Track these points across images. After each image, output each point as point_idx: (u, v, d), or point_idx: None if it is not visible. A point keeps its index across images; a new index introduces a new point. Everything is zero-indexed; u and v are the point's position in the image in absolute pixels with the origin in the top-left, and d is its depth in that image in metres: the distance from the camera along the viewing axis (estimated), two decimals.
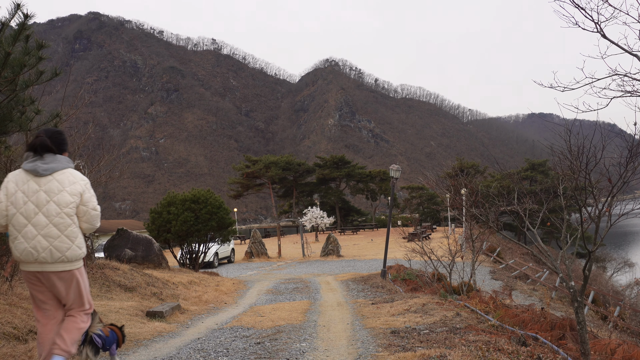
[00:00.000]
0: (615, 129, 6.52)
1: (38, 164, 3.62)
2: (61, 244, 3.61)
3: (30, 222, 3.57)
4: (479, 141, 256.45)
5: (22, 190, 3.60)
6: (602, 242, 5.53)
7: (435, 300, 8.12)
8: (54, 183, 3.63)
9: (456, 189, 12.63)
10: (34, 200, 3.59)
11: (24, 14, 5.26)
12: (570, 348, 4.97)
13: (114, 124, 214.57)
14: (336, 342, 5.55)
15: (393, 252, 20.44)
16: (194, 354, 5.18)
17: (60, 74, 6.25)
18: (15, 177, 3.66)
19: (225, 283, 13.08)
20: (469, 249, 15.49)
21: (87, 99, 14.56)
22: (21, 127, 6.45)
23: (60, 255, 3.61)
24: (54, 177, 3.65)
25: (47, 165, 3.64)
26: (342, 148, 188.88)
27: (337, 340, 5.63)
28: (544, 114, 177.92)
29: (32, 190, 3.60)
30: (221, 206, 16.18)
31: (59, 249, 3.60)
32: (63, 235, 3.62)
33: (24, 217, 3.57)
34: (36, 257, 3.56)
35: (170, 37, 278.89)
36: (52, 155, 3.69)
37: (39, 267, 3.59)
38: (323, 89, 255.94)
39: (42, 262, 3.58)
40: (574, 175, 4.74)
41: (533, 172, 55.00)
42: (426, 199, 62.99)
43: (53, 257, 3.59)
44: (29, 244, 3.56)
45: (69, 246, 3.63)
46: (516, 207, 6.11)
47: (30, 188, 3.61)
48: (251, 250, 26.70)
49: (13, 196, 3.60)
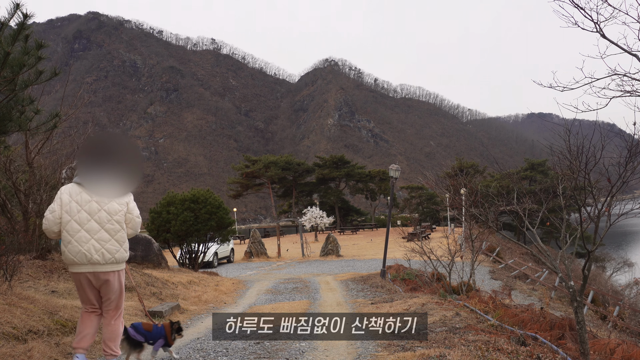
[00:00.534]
0: (614, 128, 6.52)
1: (91, 176, 4.17)
2: (112, 246, 4.11)
3: (84, 228, 4.06)
4: (479, 141, 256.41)
5: (76, 200, 4.09)
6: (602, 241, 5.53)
7: (434, 300, 8.12)
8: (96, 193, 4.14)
9: (455, 189, 12.64)
10: (86, 209, 4.09)
11: (23, 14, 5.26)
12: (569, 348, 4.97)
13: (113, 123, 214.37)
14: (336, 341, 5.56)
15: (392, 252, 20.44)
16: (193, 354, 5.18)
17: (60, 74, 6.25)
18: (68, 190, 4.16)
19: (224, 283, 13.08)
20: (468, 248, 15.50)
21: (87, 99, 14.57)
22: (20, 127, 6.44)
23: (110, 257, 4.10)
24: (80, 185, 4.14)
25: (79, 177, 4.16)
26: (342, 148, 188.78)
27: (336, 340, 5.62)
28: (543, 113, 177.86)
29: (84, 200, 4.09)
30: (220, 206, 16.18)
31: (109, 250, 4.10)
32: (113, 239, 4.12)
33: (77, 223, 4.06)
34: (87, 259, 4.05)
35: (169, 36, 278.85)
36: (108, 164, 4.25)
37: (87, 268, 4.08)
38: (322, 89, 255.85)
39: (92, 263, 4.07)
40: (573, 175, 4.74)
41: (532, 172, 55.01)
42: (425, 198, 62.97)
43: (104, 258, 4.08)
44: (79, 248, 4.04)
45: (117, 249, 4.14)
46: (515, 207, 6.11)
47: (83, 199, 4.10)
48: (250, 250, 26.70)
49: (67, 206, 4.08)
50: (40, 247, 9.93)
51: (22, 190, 10.46)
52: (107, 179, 4.20)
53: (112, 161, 4.34)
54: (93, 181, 4.15)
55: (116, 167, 4.30)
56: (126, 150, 3.97)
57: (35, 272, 8.52)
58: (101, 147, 4.45)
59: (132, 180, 4.39)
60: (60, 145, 12.92)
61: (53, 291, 7.73)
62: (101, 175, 4.20)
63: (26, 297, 6.08)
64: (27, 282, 7.84)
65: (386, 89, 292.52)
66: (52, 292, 7.68)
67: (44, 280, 8.24)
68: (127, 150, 4.06)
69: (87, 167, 4.23)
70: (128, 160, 4.41)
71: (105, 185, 4.18)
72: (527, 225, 5.66)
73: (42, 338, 4.99)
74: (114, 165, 4.30)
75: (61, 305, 6.22)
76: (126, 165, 4.40)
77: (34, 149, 11.17)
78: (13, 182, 10.35)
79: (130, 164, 4.45)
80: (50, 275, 8.55)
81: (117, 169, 4.29)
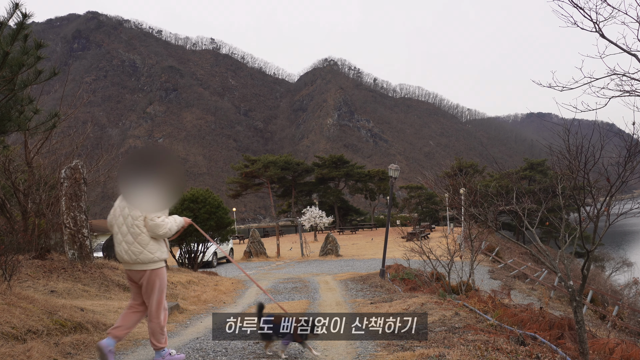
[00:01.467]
0: (613, 128, 6.52)
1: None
2: (134, 248, 4.55)
3: (120, 231, 4.61)
4: (478, 141, 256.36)
5: (119, 206, 4.68)
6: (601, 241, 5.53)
7: (434, 299, 8.12)
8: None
9: (455, 189, 12.65)
10: (119, 214, 4.64)
11: (22, 14, 5.26)
12: (568, 347, 4.97)
13: (112, 123, 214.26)
14: (335, 341, 5.55)
15: (392, 251, 20.43)
16: (192, 354, 5.18)
17: (59, 74, 6.25)
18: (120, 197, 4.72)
19: (224, 283, 13.07)
20: (467, 248, 15.50)
21: (86, 99, 14.58)
22: (19, 127, 6.44)
23: (135, 258, 4.56)
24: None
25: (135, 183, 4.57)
26: (341, 147, 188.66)
27: (336, 340, 5.62)
28: (542, 113, 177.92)
29: (122, 206, 4.65)
30: (220, 206, 16.17)
31: (133, 252, 4.55)
32: (135, 242, 4.55)
33: (117, 227, 4.65)
34: (121, 258, 4.63)
35: (169, 36, 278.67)
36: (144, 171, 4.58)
37: (125, 266, 4.68)
38: (322, 89, 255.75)
39: (125, 262, 4.63)
40: (572, 174, 4.74)
41: (532, 172, 55.00)
42: (425, 198, 62.95)
43: (131, 258, 4.57)
44: (117, 248, 4.65)
45: (140, 250, 4.55)
46: (515, 207, 6.12)
47: (121, 205, 4.66)
48: (250, 250, 26.69)
49: (113, 211, 4.72)
50: (40, 247, 9.93)
51: (21, 190, 10.45)
52: (145, 191, 4.52)
53: (151, 175, 4.52)
54: (131, 192, 4.56)
55: (155, 181, 4.51)
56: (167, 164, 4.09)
57: (34, 271, 8.51)
58: (141, 159, 4.59)
59: (171, 194, 4.62)
60: (59, 145, 12.93)
61: (52, 291, 7.72)
62: (139, 187, 4.53)
63: (25, 296, 6.08)
64: (26, 282, 7.83)
65: (385, 88, 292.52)
66: (51, 291, 7.68)
67: (43, 280, 8.23)
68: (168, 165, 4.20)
69: (127, 178, 4.57)
70: (167, 175, 4.55)
71: (143, 197, 4.52)
72: (526, 225, 5.66)
73: (42, 338, 4.99)
74: (152, 179, 4.53)
75: (60, 305, 6.22)
76: (165, 179, 4.55)
77: (33, 149, 11.17)
78: (12, 181, 10.35)
79: (169, 179, 4.57)
80: (50, 275, 8.55)
81: (155, 182, 4.53)
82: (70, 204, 9.58)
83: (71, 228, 9.53)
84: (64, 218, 9.55)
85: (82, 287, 8.35)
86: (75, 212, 9.60)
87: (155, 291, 4.64)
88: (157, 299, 4.67)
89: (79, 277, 8.78)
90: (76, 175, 9.75)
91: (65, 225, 9.52)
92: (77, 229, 9.57)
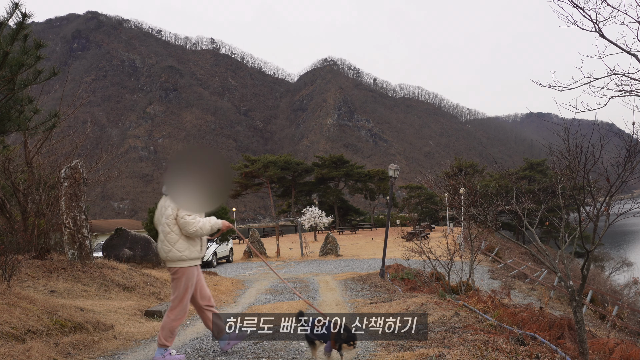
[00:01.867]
0: (613, 128, 6.53)
1: (163, 187, 4.89)
2: (165, 246, 4.74)
3: (158, 229, 4.87)
4: (478, 141, 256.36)
5: (161, 205, 4.89)
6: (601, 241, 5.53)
7: (433, 299, 8.12)
8: (166, 201, 4.81)
9: (455, 189, 12.64)
10: (159, 213, 4.88)
11: (22, 13, 5.26)
12: (568, 347, 4.97)
13: (112, 123, 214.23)
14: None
15: (392, 251, 20.43)
16: (192, 354, 5.18)
17: (59, 74, 6.25)
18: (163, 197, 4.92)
19: (223, 283, 13.07)
20: (467, 248, 15.50)
21: (86, 99, 14.58)
22: (19, 127, 6.44)
23: (165, 255, 4.76)
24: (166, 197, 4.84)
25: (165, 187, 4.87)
26: (341, 147, 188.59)
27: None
28: (542, 113, 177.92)
29: (160, 205, 4.90)
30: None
31: (164, 250, 4.76)
32: (165, 240, 4.74)
33: (156, 226, 4.93)
34: (161, 255, 4.84)
35: (168, 36, 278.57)
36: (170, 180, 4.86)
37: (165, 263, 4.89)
38: (322, 89, 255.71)
39: (162, 259, 4.86)
40: (572, 174, 4.74)
41: (531, 172, 54.99)
42: (425, 198, 62.93)
43: (162, 256, 4.82)
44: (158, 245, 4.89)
45: (169, 249, 4.71)
46: (515, 207, 6.12)
47: (161, 204, 4.90)
48: (250, 250, 26.69)
49: (158, 210, 4.92)
50: (39, 247, 9.93)
51: (21, 190, 10.45)
52: (188, 190, 4.65)
53: (196, 174, 4.64)
54: (174, 192, 4.74)
55: (198, 181, 4.62)
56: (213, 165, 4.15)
57: (34, 271, 8.51)
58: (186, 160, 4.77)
59: (214, 197, 4.73)
60: (59, 145, 12.93)
61: (52, 291, 7.72)
62: (182, 185, 4.69)
63: (25, 296, 6.08)
64: (26, 282, 7.83)
65: (385, 88, 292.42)
66: (51, 291, 7.68)
67: (43, 280, 8.23)
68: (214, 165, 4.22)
69: (172, 175, 4.82)
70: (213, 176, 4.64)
71: (184, 196, 4.66)
72: (526, 225, 5.66)
73: (41, 338, 4.99)
74: (197, 179, 4.64)
75: (60, 305, 6.22)
76: (210, 180, 4.66)
77: (32, 149, 11.17)
78: (12, 181, 10.35)
79: (215, 180, 4.69)
80: (49, 275, 8.55)
81: (199, 182, 4.64)
82: (70, 204, 9.58)
83: (71, 228, 9.53)
84: (63, 218, 9.55)
85: (81, 287, 8.35)
86: (75, 212, 9.60)
87: (179, 289, 4.77)
88: (180, 297, 4.78)
89: (78, 277, 8.78)
90: (76, 175, 9.75)
91: (65, 225, 9.52)
92: (77, 229, 9.57)
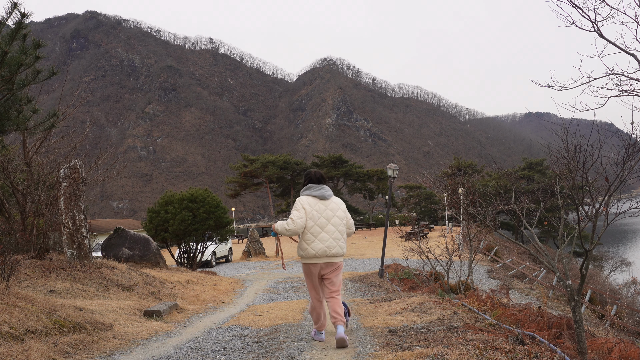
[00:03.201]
0: (612, 128, 6.53)
1: (323, 192, 5.45)
2: (343, 243, 5.41)
3: (324, 230, 5.32)
4: (477, 140, 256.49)
5: (316, 209, 5.35)
6: (599, 241, 5.53)
7: (432, 299, 8.12)
8: (333, 204, 5.47)
9: (454, 188, 12.65)
10: (325, 215, 5.38)
11: (21, 13, 5.25)
12: (567, 347, 4.98)
13: (111, 123, 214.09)
14: (334, 341, 5.56)
15: (391, 251, 20.45)
16: (191, 353, 5.17)
17: (58, 73, 6.25)
18: (307, 200, 5.40)
19: (223, 282, 13.07)
20: (466, 248, 15.51)
21: (85, 98, 14.56)
22: (18, 126, 6.44)
23: (341, 251, 5.38)
24: (332, 200, 5.49)
25: (328, 192, 5.50)
26: (340, 147, 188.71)
27: (335, 340, 5.63)
28: (541, 113, 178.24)
29: (321, 209, 5.38)
30: (219, 205, 16.16)
31: (342, 247, 5.39)
32: (342, 238, 5.42)
33: (319, 227, 5.32)
34: (328, 253, 5.30)
35: (167, 36, 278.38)
36: (327, 186, 5.55)
37: (327, 260, 5.34)
38: (320, 88, 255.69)
39: (330, 255, 5.32)
40: (571, 174, 4.74)
41: (530, 171, 54.99)
42: (424, 198, 62.96)
43: (338, 252, 5.35)
44: (324, 244, 5.29)
45: (344, 245, 5.43)
46: (513, 206, 6.12)
47: (319, 208, 5.38)
48: (249, 250, 26.68)
49: (310, 213, 5.33)
50: (38, 247, 9.93)
51: (19, 190, 10.44)
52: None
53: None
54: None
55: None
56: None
57: (33, 271, 8.50)
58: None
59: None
60: (58, 145, 12.92)
61: (51, 290, 7.72)
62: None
63: (24, 296, 6.07)
64: (25, 282, 7.83)
65: (384, 88, 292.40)
66: (50, 291, 7.68)
67: (42, 279, 8.23)
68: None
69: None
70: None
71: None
72: (525, 225, 5.67)
73: (40, 337, 4.98)
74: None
75: (59, 304, 6.22)
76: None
77: (31, 148, 11.16)
78: (11, 181, 10.34)
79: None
80: (48, 274, 8.54)
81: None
82: (69, 204, 9.57)
83: (70, 228, 9.52)
84: (62, 218, 9.55)
85: (80, 287, 8.35)
86: (74, 212, 9.60)
87: (341, 276, 5.62)
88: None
89: (77, 277, 8.78)
90: (75, 174, 9.75)
91: (64, 224, 9.52)
92: (76, 229, 9.57)
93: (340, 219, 5.43)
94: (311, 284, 5.53)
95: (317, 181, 5.52)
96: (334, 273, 5.42)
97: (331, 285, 5.43)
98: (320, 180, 5.54)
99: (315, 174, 5.58)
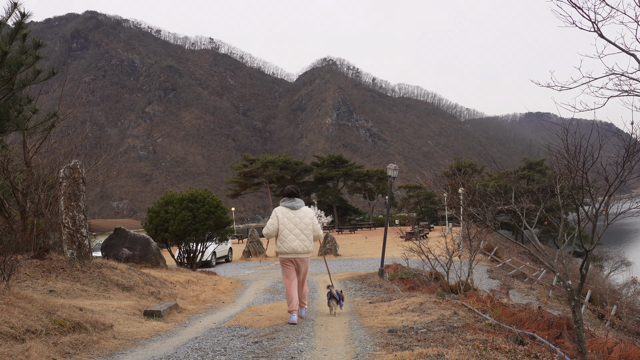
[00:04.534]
0: (612, 128, 6.53)
1: (293, 203, 6.99)
2: (309, 243, 6.97)
3: (292, 233, 6.87)
4: (477, 140, 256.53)
5: (287, 217, 6.90)
6: (599, 241, 5.54)
7: (432, 299, 8.12)
8: (302, 213, 6.99)
9: (453, 188, 12.65)
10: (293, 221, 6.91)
11: (21, 13, 5.25)
12: (567, 347, 4.98)
13: (111, 123, 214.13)
14: (334, 340, 5.56)
15: (391, 251, 20.44)
16: (191, 353, 5.17)
17: (58, 73, 6.24)
18: (281, 210, 6.95)
19: (223, 282, 13.07)
20: (466, 248, 15.51)
21: (85, 98, 14.54)
22: (18, 126, 6.44)
23: (307, 249, 6.95)
24: (301, 210, 7.02)
25: (298, 204, 7.03)
26: (340, 147, 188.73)
27: (334, 339, 5.63)
28: (541, 113, 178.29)
29: (291, 217, 6.91)
30: (219, 205, 16.16)
31: (307, 246, 6.95)
32: (308, 239, 6.96)
33: (288, 231, 6.86)
34: (297, 250, 6.87)
35: (167, 36, 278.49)
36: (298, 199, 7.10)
37: (295, 256, 6.91)
38: (320, 88, 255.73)
39: (297, 252, 6.90)
40: (571, 174, 4.74)
41: (530, 171, 55.01)
42: (424, 198, 62.95)
43: (304, 250, 6.92)
44: (292, 244, 6.86)
45: (310, 244, 6.99)
46: (513, 206, 6.12)
47: (290, 216, 6.92)
48: (249, 250, 26.67)
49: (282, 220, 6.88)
50: (38, 247, 9.92)
51: (19, 190, 10.44)
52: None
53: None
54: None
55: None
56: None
57: (33, 271, 8.50)
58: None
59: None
60: (58, 145, 12.91)
61: (51, 290, 7.72)
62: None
63: (24, 296, 6.07)
64: (25, 282, 7.83)
65: (384, 88, 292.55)
66: (50, 291, 7.68)
67: (42, 279, 8.23)
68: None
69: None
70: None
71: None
72: (525, 225, 5.67)
73: (40, 337, 4.98)
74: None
75: (59, 304, 6.21)
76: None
77: (31, 148, 11.15)
78: (11, 181, 10.34)
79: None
80: (48, 274, 8.54)
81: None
82: (69, 204, 9.57)
83: (70, 228, 9.52)
84: (62, 218, 9.54)
85: (80, 287, 8.35)
86: (74, 212, 9.59)
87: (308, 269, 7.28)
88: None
89: (77, 277, 8.78)
90: (75, 174, 9.74)
91: (64, 224, 9.52)
92: (76, 229, 9.57)
93: (307, 224, 6.95)
94: (285, 273, 7.04)
95: (290, 195, 7.06)
96: (302, 266, 7.06)
97: (298, 275, 7.11)
98: (292, 194, 7.06)
99: (287, 189, 7.10)
